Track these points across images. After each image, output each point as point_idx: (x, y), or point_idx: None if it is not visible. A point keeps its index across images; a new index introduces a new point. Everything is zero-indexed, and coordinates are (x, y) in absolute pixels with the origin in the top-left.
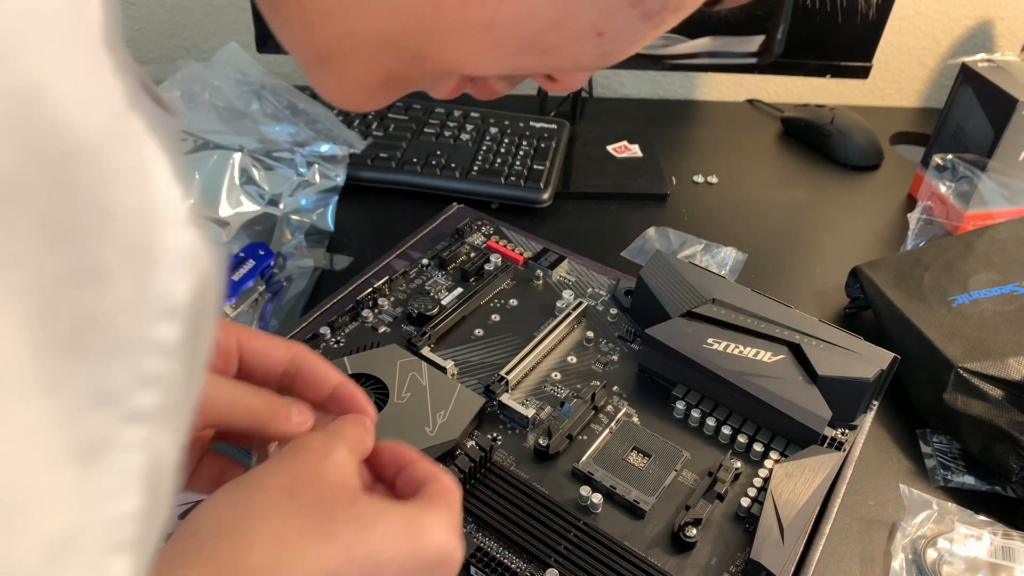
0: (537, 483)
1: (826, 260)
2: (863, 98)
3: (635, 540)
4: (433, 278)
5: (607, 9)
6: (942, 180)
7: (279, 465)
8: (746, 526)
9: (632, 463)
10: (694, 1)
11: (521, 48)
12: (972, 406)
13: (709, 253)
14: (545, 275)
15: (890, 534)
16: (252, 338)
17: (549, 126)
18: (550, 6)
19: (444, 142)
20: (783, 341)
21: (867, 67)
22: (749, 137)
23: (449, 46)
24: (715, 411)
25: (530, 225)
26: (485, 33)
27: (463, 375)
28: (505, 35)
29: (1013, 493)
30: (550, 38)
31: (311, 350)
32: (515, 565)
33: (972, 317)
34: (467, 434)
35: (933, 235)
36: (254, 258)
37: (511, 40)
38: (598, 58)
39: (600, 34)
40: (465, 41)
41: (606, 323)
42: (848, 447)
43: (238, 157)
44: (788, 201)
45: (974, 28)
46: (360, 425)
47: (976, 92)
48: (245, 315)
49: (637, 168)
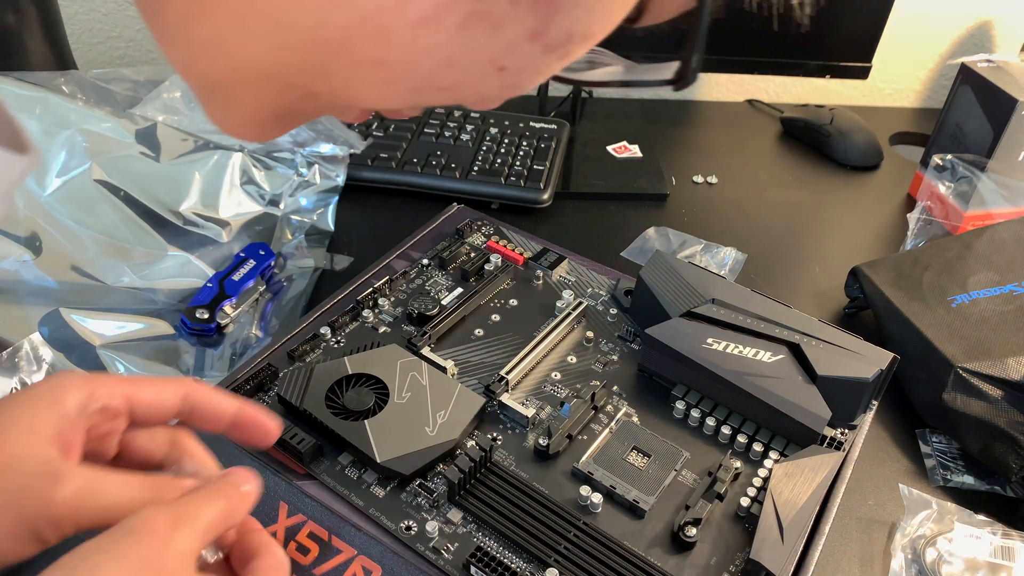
0: (537, 483)
1: (826, 260)
2: (863, 98)
3: (635, 540)
4: (433, 278)
5: (506, 45)
6: (941, 180)
7: (119, 547)
8: (746, 526)
9: (632, 463)
10: (602, 29)
11: (418, 86)
12: (971, 406)
13: (709, 253)
14: (545, 275)
15: (890, 534)
16: (141, 389)
17: (549, 126)
18: (443, 44)
19: (444, 142)
20: (783, 341)
21: (867, 67)
22: (749, 137)
23: (341, 83)
24: (715, 411)
25: (530, 225)
26: (376, 71)
27: (463, 375)
28: (397, 73)
29: (1012, 493)
30: (447, 75)
31: (201, 383)
32: (515, 565)
33: (971, 317)
34: (467, 434)
35: (932, 235)
36: (254, 258)
37: (405, 78)
38: (503, 91)
39: (501, 69)
40: (357, 78)
41: (606, 323)
42: (848, 447)
43: (238, 157)
44: (788, 201)
45: (974, 28)
46: (228, 496)
47: (976, 92)
48: (245, 315)
49: (637, 168)
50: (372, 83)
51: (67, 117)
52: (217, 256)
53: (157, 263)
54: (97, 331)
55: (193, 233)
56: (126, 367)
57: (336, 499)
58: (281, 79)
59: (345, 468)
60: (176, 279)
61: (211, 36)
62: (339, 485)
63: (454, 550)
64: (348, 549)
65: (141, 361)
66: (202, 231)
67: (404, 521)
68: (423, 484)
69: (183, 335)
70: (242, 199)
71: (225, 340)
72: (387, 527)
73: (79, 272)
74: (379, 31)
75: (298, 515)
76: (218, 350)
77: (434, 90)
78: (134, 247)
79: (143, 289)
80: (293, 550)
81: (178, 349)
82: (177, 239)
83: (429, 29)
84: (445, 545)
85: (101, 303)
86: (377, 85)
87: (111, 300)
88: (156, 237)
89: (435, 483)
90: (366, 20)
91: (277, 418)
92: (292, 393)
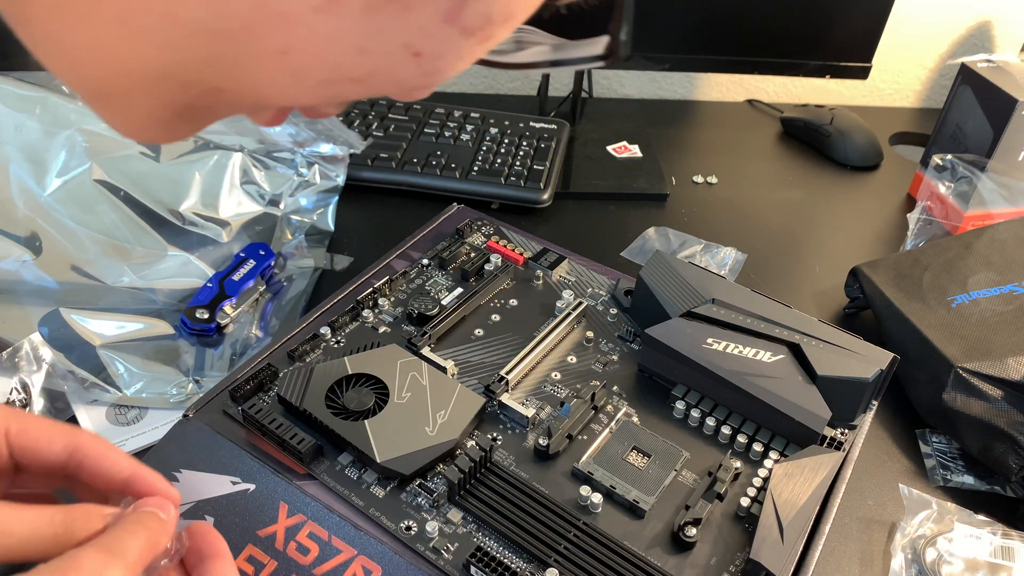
0: (537, 483)
1: (826, 260)
2: (863, 98)
3: (635, 540)
4: (433, 278)
5: (419, 28)
6: (941, 180)
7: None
8: (746, 526)
9: (632, 463)
10: (524, 9)
11: (329, 77)
12: (971, 406)
13: (709, 253)
14: (545, 275)
15: (889, 534)
16: (26, 429)
17: (549, 126)
18: (350, 29)
19: (444, 142)
20: (783, 341)
21: (867, 67)
22: (749, 137)
23: (245, 77)
24: (715, 411)
25: (530, 225)
26: (281, 61)
27: (463, 375)
28: (304, 63)
29: (1012, 493)
30: (359, 64)
31: (96, 438)
32: (515, 565)
33: (971, 317)
34: (467, 434)
35: (932, 235)
36: (254, 258)
37: (313, 68)
38: (423, 79)
39: (417, 55)
40: (262, 71)
41: (606, 323)
42: (848, 447)
43: (238, 157)
44: (788, 201)
45: (974, 28)
46: (149, 527)
47: (975, 92)
48: (245, 315)
49: (637, 168)
50: (279, 75)
51: (67, 117)
52: (217, 256)
53: (157, 263)
54: (97, 331)
55: (193, 233)
56: (126, 367)
57: (336, 499)
58: (177, 77)
59: (345, 468)
60: (176, 279)
61: (89, 39)
62: (339, 485)
63: (454, 550)
64: (348, 549)
65: (141, 361)
66: (202, 231)
67: (404, 521)
68: (423, 484)
69: (183, 335)
70: (242, 199)
71: (225, 340)
72: (387, 527)
73: (79, 272)
74: (280, 18)
75: (298, 515)
76: (218, 350)
77: (348, 81)
78: (134, 247)
79: (143, 289)
80: (293, 550)
81: (178, 349)
82: (177, 239)
83: (333, 13)
84: (445, 545)
85: (101, 303)
86: (284, 77)
87: (111, 300)
88: (156, 237)
89: (435, 483)
90: (264, 7)
91: (175, 490)
92: (292, 393)
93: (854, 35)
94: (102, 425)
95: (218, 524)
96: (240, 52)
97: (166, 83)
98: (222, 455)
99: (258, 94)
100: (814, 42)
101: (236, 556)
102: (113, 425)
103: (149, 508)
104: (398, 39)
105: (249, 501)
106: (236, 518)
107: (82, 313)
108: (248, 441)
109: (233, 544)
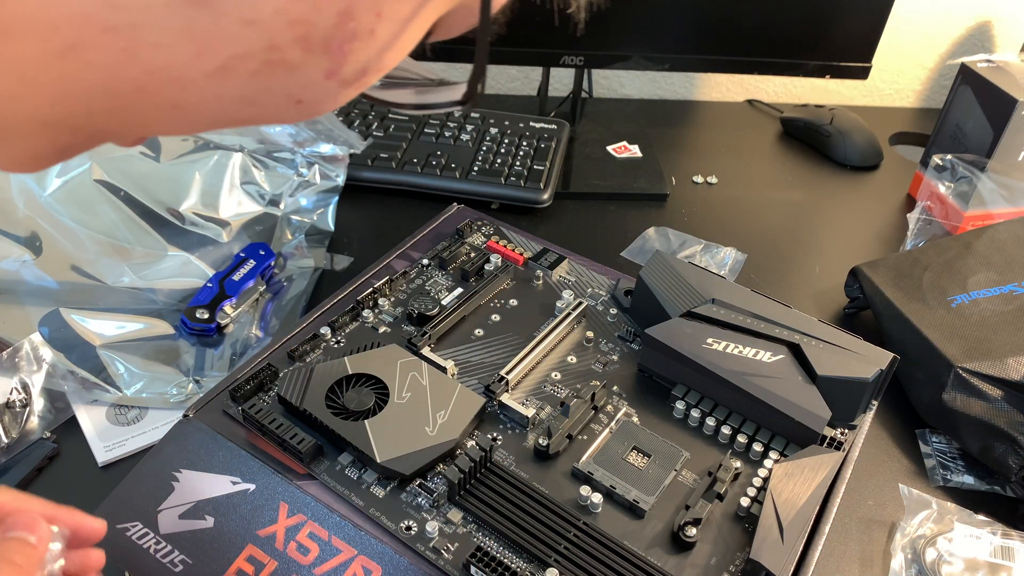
0: (537, 483)
1: (825, 260)
2: (863, 98)
3: (635, 540)
4: (433, 278)
5: (302, 83)
6: (941, 180)
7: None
8: (746, 526)
9: (632, 463)
10: (394, 60)
11: (216, 121)
12: (971, 406)
13: (709, 253)
14: (545, 275)
15: (889, 534)
16: None
17: (549, 126)
18: (239, 87)
19: (444, 142)
20: (783, 341)
21: (867, 67)
22: (749, 137)
23: (136, 122)
24: (715, 411)
25: (530, 225)
26: (172, 112)
27: (463, 375)
28: (195, 114)
29: (1012, 493)
30: (247, 111)
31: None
32: (515, 565)
33: (971, 317)
34: (467, 434)
35: (932, 235)
36: (254, 258)
37: (203, 117)
38: (300, 117)
39: (299, 102)
40: (153, 119)
41: (606, 323)
42: (847, 447)
43: (238, 157)
44: (787, 201)
45: (974, 28)
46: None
47: (975, 92)
48: (245, 315)
49: (637, 168)
50: (169, 121)
51: None
52: (217, 256)
53: (157, 263)
54: (97, 331)
55: (193, 233)
56: (126, 367)
57: (336, 499)
58: (67, 124)
59: (345, 468)
60: (176, 279)
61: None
62: (339, 485)
63: (454, 550)
64: (348, 549)
65: (141, 361)
66: (202, 231)
67: (404, 521)
68: (423, 484)
69: (183, 335)
70: (242, 199)
71: (225, 340)
72: (387, 527)
73: (79, 272)
74: (173, 81)
75: (298, 515)
76: (218, 350)
77: (232, 122)
78: (134, 247)
79: (143, 289)
80: (293, 550)
81: (178, 349)
82: (177, 239)
83: (225, 78)
84: (445, 545)
85: (101, 303)
86: (174, 123)
87: (111, 300)
88: (156, 237)
89: (435, 483)
90: (157, 73)
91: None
92: (292, 393)
93: (854, 35)
94: (102, 425)
95: (218, 524)
96: (133, 106)
97: (56, 129)
98: (222, 455)
99: (143, 134)
100: (814, 42)
101: (236, 556)
102: (113, 425)
103: (17, 534)
104: (283, 92)
105: (249, 501)
106: (236, 518)
107: (82, 313)
108: (248, 441)
109: (233, 544)
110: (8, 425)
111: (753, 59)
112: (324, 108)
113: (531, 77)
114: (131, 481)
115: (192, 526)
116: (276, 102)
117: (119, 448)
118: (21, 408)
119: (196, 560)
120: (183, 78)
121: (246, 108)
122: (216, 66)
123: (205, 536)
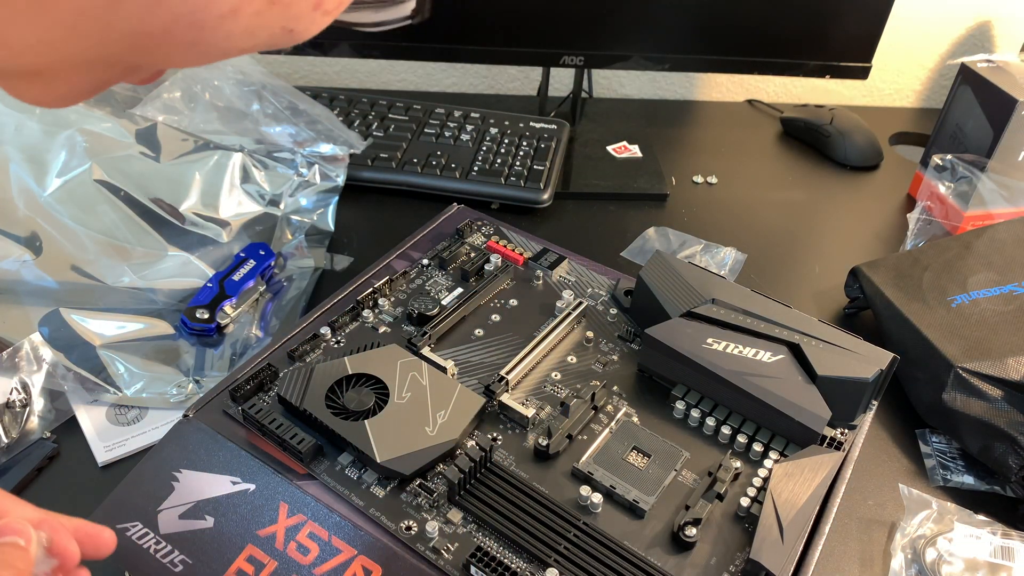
0: (537, 483)
1: (825, 260)
2: (862, 98)
3: (635, 540)
4: (433, 278)
5: (294, 15)
6: (941, 180)
7: None
8: (746, 526)
9: (632, 463)
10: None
11: (224, 52)
12: (971, 406)
13: (709, 253)
14: (545, 275)
15: (889, 534)
16: None
17: (549, 126)
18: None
19: (444, 142)
20: (782, 341)
21: (867, 67)
22: (748, 137)
23: (161, 58)
24: (715, 411)
25: (530, 225)
26: (191, 49)
27: (463, 375)
28: (209, 48)
29: (1012, 493)
30: (248, 42)
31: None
32: (515, 565)
33: (971, 317)
34: (467, 434)
35: (932, 235)
36: (254, 258)
37: (214, 51)
38: (291, 43)
39: (291, 31)
40: (176, 54)
41: (606, 323)
42: (847, 447)
43: (238, 157)
44: (787, 201)
45: (974, 28)
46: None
47: (975, 92)
48: (245, 315)
49: (637, 168)
50: (187, 57)
51: (67, 117)
52: (217, 256)
53: (157, 263)
54: (97, 331)
55: (193, 233)
56: (126, 367)
57: (336, 499)
58: (104, 62)
59: (345, 468)
60: (176, 279)
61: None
62: (339, 485)
63: (454, 550)
64: (348, 549)
65: (141, 361)
66: (202, 231)
67: (404, 521)
68: (423, 484)
69: (183, 335)
70: (242, 199)
71: (225, 340)
72: (387, 527)
73: (79, 272)
74: (192, 24)
75: (298, 515)
76: (218, 350)
77: (236, 52)
78: (134, 247)
79: (143, 289)
80: (293, 550)
81: (178, 349)
82: (177, 239)
83: (234, 19)
84: (445, 545)
85: (101, 303)
86: (191, 57)
87: (111, 300)
88: (156, 237)
89: (435, 483)
90: (181, 18)
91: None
92: (292, 393)
93: (854, 35)
94: (102, 425)
95: (218, 524)
96: (160, 45)
97: (95, 66)
98: (222, 455)
99: (165, 67)
100: (814, 42)
101: (236, 556)
102: (113, 425)
103: (8, 539)
104: (278, 25)
105: (249, 501)
106: (236, 518)
107: (82, 313)
108: (248, 441)
109: (233, 544)
110: (8, 425)
111: (753, 59)
112: (309, 34)
113: (531, 77)
114: (131, 481)
115: (192, 526)
116: (272, 32)
117: (119, 448)
118: (21, 408)
119: (196, 560)
120: (201, 21)
121: (247, 40)
122: (228, 9)
123: (205, 536)
